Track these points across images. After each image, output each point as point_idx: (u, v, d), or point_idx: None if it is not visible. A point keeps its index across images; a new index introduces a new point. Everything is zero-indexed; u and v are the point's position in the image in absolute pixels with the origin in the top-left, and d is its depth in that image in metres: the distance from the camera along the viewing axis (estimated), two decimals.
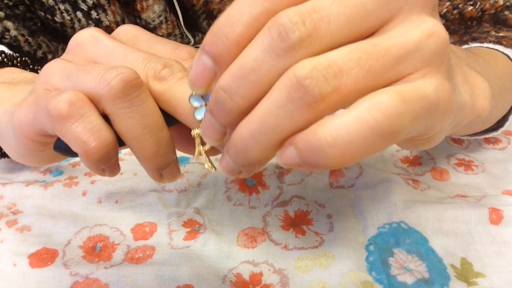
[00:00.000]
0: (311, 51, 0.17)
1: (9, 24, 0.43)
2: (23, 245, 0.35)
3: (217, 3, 0.49)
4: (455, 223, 0.35)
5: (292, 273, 0.32)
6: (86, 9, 0.45)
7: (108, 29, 0.46)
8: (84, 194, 0.39)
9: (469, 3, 0.47)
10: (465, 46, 0.43)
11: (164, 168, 0.23)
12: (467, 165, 0.42)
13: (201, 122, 0.21)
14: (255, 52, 0.18)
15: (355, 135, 0.16)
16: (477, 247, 0.33)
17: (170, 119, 0.23)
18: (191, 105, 0.22)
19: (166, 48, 0.25)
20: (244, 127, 0.18)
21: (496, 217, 0.35)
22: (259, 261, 0.33)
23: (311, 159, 0.17)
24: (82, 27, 0.46)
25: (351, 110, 0.17)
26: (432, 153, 0.44)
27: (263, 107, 0.18)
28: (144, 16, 0.49)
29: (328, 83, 0.17)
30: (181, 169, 0.42)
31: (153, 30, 0.51)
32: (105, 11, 0.46)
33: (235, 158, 0.19)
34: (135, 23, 0.50)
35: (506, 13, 0.45)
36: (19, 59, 0.40)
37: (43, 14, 0.45)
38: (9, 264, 0.33)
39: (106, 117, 0.22)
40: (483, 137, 0.42)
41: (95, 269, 0.33)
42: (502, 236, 0.34)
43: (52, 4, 0.44)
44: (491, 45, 0.42)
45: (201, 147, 0.23)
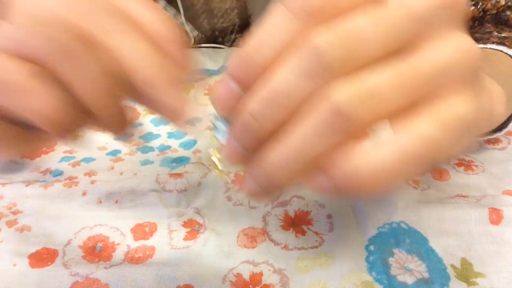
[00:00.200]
0: (346, 72, 0.17)
1: None
2: (23, 245, 0.35)
3: (217, 2, 0.49)
4: (455, 223, 0.35)
5: (292, 273, 0.32)
6: None
7: None
8: (84, 194, 0.39)
9: (470, 3, 0.46)
10: None
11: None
12: (467, 165, 0.42)
13: (218, 142, 0.21)
14: (286, 75, 0.17)
15: (393, 165, 0.16)
16: (477, 247, 0.33)
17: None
18: (213, 125, 0.21)
19: None
20: (275, 152, 0.18)
21: (496, 217, 0.35)
22: (259, 261, 0.33)
23: (345, 186, 0.17)
24: None
25: (391, 141, 0.16)
26: None
27: (299, 134, 0.17)
28: None
29: (369, 110, 0.16)
30: (181, 169, 0.42)
31: None
32: None
33: (261, 181, 0.19)
34: None
35: (507, 13, 0.45)
36: None
37: None
38: (9, 264, 0.33)
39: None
40: (486, 138, 0.42)
41: (95, 269, 0.33)
42: (502, 236, 0.34)
43: None
44: (494, 46, 0.42)
45: (220, 166, 0.23)
